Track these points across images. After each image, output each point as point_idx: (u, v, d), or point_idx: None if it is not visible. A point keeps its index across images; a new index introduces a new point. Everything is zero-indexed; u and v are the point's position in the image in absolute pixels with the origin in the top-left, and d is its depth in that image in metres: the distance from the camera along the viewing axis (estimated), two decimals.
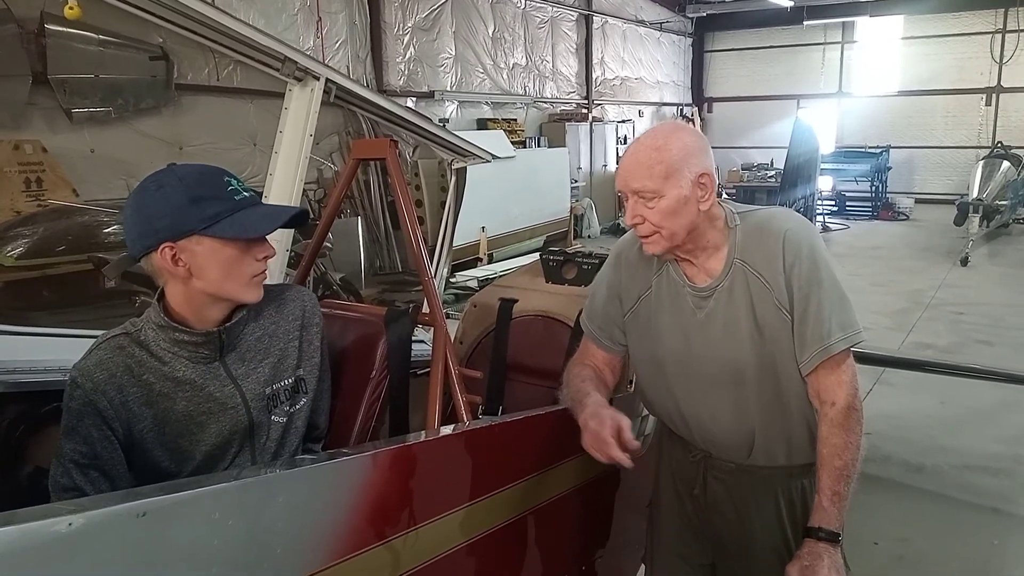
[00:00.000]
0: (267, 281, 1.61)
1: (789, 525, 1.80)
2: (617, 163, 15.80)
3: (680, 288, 1.75)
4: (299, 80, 2.34)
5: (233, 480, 1.13)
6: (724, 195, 16.35)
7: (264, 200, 2.40)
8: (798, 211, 4.63)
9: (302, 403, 1.70)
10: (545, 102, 14.95)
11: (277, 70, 2.31)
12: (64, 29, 6.82)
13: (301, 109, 2.36)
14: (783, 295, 1.63)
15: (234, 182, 1.51)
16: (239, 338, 1.60)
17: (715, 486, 1.87)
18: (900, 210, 16.10)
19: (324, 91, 2.35)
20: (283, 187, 2.38)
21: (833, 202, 16.31)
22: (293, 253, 2.84)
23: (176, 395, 1.53)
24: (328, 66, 2.47)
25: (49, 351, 2.11)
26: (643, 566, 2.22)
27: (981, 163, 12.80)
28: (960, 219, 11.59)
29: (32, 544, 0.87)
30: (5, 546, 0.84)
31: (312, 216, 8.12)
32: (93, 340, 1.55)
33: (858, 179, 16.73)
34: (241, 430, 1.60)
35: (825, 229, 14.08)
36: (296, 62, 2.30)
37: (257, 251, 1.54)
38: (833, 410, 1.63)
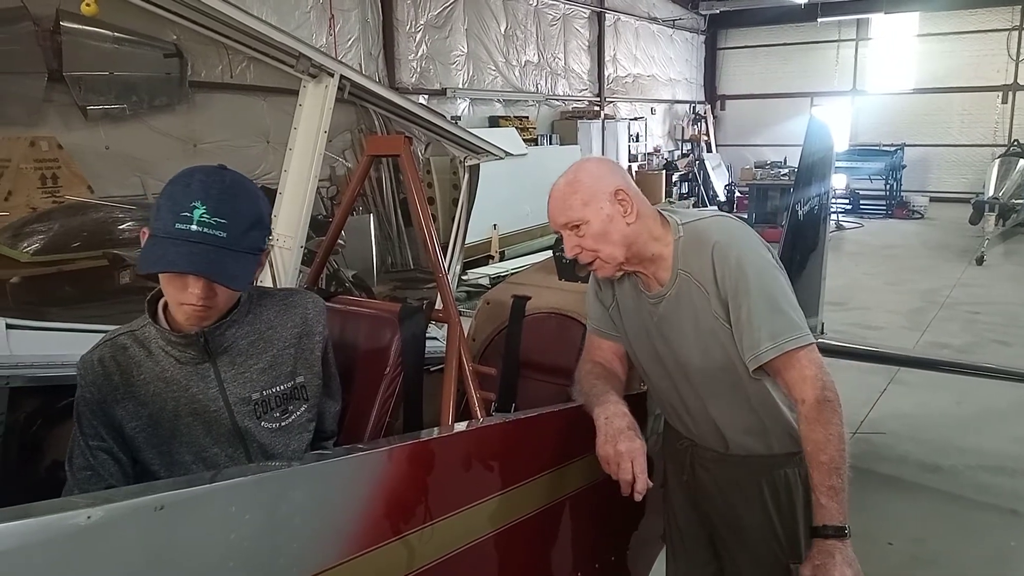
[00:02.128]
0: (282, 282, 1.61)
1: (775, 512, 1.85)
2: (628, 161, 15.78)
3: (638, 293, 1.84)
4: (313, 76, 2.34)
5: (250, 474, 1.13)
6: (737, 193, 16.29)
7: (279, 195, 2.42)
8: (812, 209, 4.62)
9: (301, 410, 1.66)
10: (557, 99, 14.94)
11: (292, 66, 2.32)
12: (79, 26, 6.87)
13: (315, 106, 2.37)
14: (719, 305, 1.70)
15: (197, 212, 1.37)
16: (232, 341, 1.55)
17: (702, 473, 1.95)
18: (915, 208, 15.98)
19: (338, 87, 2.36)
20: (297, 184, 2.39)
21: (847, 200, 16.19)
22: (307, 250, 2.84)
23: (166, 395, 1.53)
24: (342, 62, 2.47)
25: (65, 346, 2.12)
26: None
27: (997, 161, 12.69)
28: (976, 218, 11.49)
29: (51, 537, 0.87)
30: (24, 538, 0.85)
31: (325, 213, 8.16)
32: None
33: (872, 177, 16.63)
34: (226, 435, 1.57)
35: (839, 227, 13.99)
36: (311, 59, 2.30)
37: (189, 283, 1.41)
38: (805, 407, 1.65)
